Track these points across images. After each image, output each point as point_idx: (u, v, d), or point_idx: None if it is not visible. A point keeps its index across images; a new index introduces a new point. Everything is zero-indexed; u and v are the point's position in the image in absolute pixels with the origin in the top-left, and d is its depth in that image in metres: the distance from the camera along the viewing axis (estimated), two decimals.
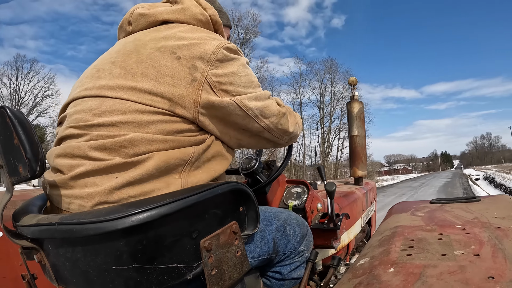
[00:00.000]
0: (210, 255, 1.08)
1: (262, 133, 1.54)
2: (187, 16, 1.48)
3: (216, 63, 1.32)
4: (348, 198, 2.94)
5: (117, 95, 1.23)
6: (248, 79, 1.43)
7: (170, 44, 1.31)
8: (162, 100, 1.23)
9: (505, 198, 1.85)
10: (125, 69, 1.28)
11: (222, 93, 1.33)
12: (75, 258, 1.01)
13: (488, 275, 0.89)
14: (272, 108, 1.51)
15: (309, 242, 1.75)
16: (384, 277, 0.97)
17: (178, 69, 1.26)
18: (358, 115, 3.98)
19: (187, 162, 1.25)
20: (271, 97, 1.55)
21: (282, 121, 1.58)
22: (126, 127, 1.19)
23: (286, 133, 1.66)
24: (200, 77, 1.28)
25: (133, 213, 0.94)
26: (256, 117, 1.45)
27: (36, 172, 1.04)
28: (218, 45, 1.35)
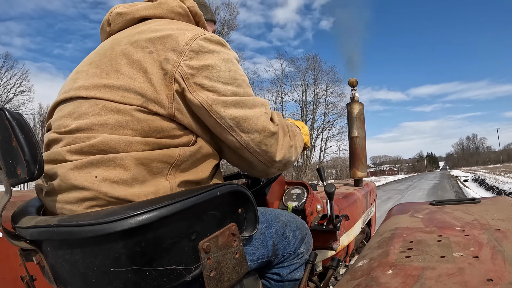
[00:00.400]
0: (209, 257, 1.08)
1: (242, 151, 1.35)
2: (164, 10, 1.42)
3: (191, 54, 1.22)
4: (347, 200, 2.94)
5: (91, 94, 1.21)
6: (230, 76, 1.29)
7: (143, 38, 1.26)
8: (134, 96, 1.17)
9: (505, 199, 1.85)
10: (100, 68, 1.26)
11: (196, 87, 1.22)
12: (74, 260, 1.01)
13: (487, 277, 0.88)
14: (256, 122, 1.29)
15: (308, 244, 1.74)
16: (382, 279, 0.97)
17: (150, 63, 1.20)
18: (358, 116, 3.98)
19: (173, 165, 1.20)
20: (264, 108, 1.34)
21: (268, 141, 1.34)
22: (102, 129, 1.16)
23: (272, 159, 1.38)
24: (171, 69, 1.19)
25: (131, 215, 0.94)
26: (230, 128, 1.27)
27: (34, 174, 1.04)
28: (194, 36, 1.26)
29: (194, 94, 1.20)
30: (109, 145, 1.13)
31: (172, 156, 1.19)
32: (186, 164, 1.24)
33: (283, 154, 1.42)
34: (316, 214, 2.30)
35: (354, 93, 4.08)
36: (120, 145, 1.14)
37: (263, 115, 1.32)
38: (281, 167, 1.48)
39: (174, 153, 1.20)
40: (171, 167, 1.20)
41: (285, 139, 1.43)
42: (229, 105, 1.25)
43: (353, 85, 4.11)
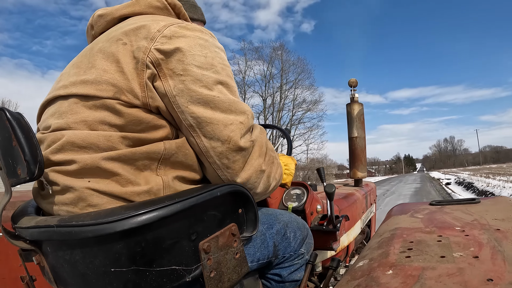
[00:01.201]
0: (209, 257, 1.08)
1: (201, 157, 1.22)
2: (142, 6, 1.38)
3: (162, 39, 1.16)
4: (347, 200, 2.94)
5: (68, 92, 1.18)
6: (206, 61, 1.19)
7: (118, 32, 1.22)
8: (107, 88, 1.13)
9: (505, 199, 1.85)
10: (79, 67, 1.24)
11: (168, 73, 1.14)
12: (74, 260, 1.01)
13: (487, 277, 0.88)
14: (221, 129, 1.16)
15: (309, 245, 1.74)
16: (382, 279, 0.97)
17: (123, 54, 1.16)
18: (358, 117, 3.98)
19: (160, 160, 1.16)
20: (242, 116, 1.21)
21: (231, 156, 1.18)
22: (81, 126, 1.14)
23: (232, 178, 1.22)
24: (142, 56, 1.13)
25: (132, 215, 0.94)
26: (190, 127, 1.16)
27: (34, 174, 1.04)
28: (167, 24, 1.21)
29: (164, 80, 1.14)
30: (89, 141, 1.11)
31: (157, 152, 1.15)
32: (175, 158, 1.19)
33: (249, 175, 1.24)
34: (316, 214, 2.30)
35: (353, 93, 4.08)
36: (100, 139, 1.11)
37: (235, 124, 1.18)
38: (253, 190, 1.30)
39: (159, 148, 1.16)
40: (159, 163, 1.17)
41: (258, 161, 1.26)
42: (196, 101, 1.15)
43: (353, 85, 4.10)
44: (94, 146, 1.11)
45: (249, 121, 1.24)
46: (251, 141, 1.23)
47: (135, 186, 1.12)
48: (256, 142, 1.25)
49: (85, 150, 1.12)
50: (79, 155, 1.11)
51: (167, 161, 1.18)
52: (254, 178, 1.27)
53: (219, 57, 1.25)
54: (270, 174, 1.35)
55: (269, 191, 1.39)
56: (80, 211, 1.10)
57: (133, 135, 1.14)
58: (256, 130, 1.29)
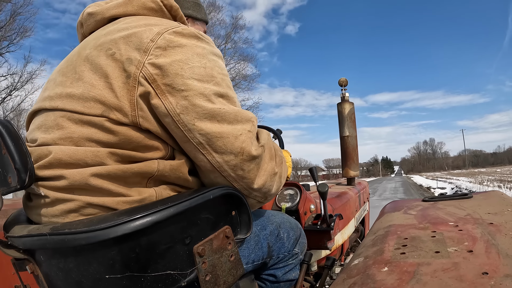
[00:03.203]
0: (204, 260, 1.07)
1: (214, 174, 1.16)
2: (135, 7, 1.28)
3: (157, 51, 1.08)
4: (341, 199, 2.95)
5: (54, 105, 1.12)
6: (206, 72, 1.12)
7: (108, 40, 1.14)
8: (95, 105, 1.06)
9: (497, 193, 1.86)
10: (65, 76, 1.16)
11: (165, 89, 1.06)
12: (68, 268, 1.00)
13: (482, 271, 0.89)
14: (233, 142, 1.10)
15: (302, 244, 1.74)
16: (378, 276, 0.97)
17: (112, 66, 1.08)
18: (349, 116, 3.99)
19: (152, 178, 1.13)
20: (249, 125, 1.16)
21: (246, 166, 1.14)
22: (67, 142, 1.08)
23: (249, 186, 1.19)
24: (135, 71, 1.06)
25: (125, 221, 0.93)
26: (200, 145, 1.10)
27: (25, 182, 1.03)
28: (160, 31, 1.12)
29: (163, 98, 1.06)
30: (77, 157, 1.06)
31: (149, 172, 1.11)
32: (167, 179, 1.16)
33: (264, 181, 1.22)
34: (310, 214, 2.30)
35: (344, 92, 4.09)
36: (88, 155, 1.06)
37: (244, 133, 1.13)
38: (260, 198, 1.28)
39: (152, 168, 1.11)
40: (150, 179, 1.13)
41: (270, 164, 1.24)
42: (202, 116, 1.08)
43: (343, 84, 4.12)
44: (82, 162, 1.06)
45: (255, 128, 1.19)
46: (261, 146, 1.18)
47: (127, 197, 1.09)
48: (265, 146, 1.21)
49: (73, 167, 1.07)
50: (67, 170, 1.06)
51: (158, 179, 1.15)
52: (269, 182, 1.24)
53: (218, 66, 1.18)
54: (281, 174, 1.34)
55: (279, 190, 1.38)
56: (70, 221, 1.07)
57: (122, 152, 1.09)
58: (263, 135, 1.25)
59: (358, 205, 3.47)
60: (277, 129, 2.53)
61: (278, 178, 1.31)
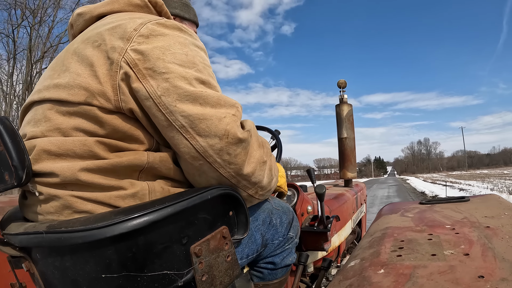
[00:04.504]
0: (201, 260, 1.07)
1: (199, 161, 1.11)
2: (121, 4, 1.31)
3: (139, 39, 1.09)
4: (338, 200, 2.95)
5: (41, 96, 1.14)
6: (188, 59, 1.12)
7: (94, 33, 1.16)
8: (78, 92, 1.07)
9: (494, 197, 1.86)
10: (53, 70, 1.19)
11: (146, 73, 1.06)
12: (64, 267, 1.00)
13: (478, 274, 0.89)
14: (216, 124, 1.07)
15: (296, 227, 1.74)
16: (374, 278, 0.97)
17: (97, 56, 1.10)
18: (347, 118, 4.00)
19: (142, 170, 1.12)
20: (233, 109, 1.13)
21: (232, 150, 1.10)
22: (56, 133, 1.10)
23: (238, 172, 1.15)
24: (117, 57, 1.07)
25: (121, 221, 0.92)
26: (182, 128, 1.07)
27: (22, 179, 1.03)
28: (143, 22, 1.14)
29: (144, 81, 1.06)
30: (65, 147, 1.06)
31: (139, 164, 1.11)
32: (157, 171, 1.15)
33: (253, 168, 1.18)
34: (307, 215, 2.31)
35: (343, 94, 4.10)
36: (76, 144, 1.06)
37: (228, 116, 1.10)
38: (251, 190, 1.25)
39: (142, 161, 1.11)
40: (141, 172, 1.13)
41: (258, 152, 1.21)
42: (184, 98, 1.06)
43: (342, 86, 4.12)
44: (71, 153, 1.06)
45: (240, 114, 1.16)
46: (248, 131, 1.15)
47: (120, 190, 1.09)
48: (251, 132, 1.17)
49: (62, 158, 1.07)
50: (57, 163, 1.06)
51: (149, 172, 1.15)
52: (259, 171, 1.22)
53: (200, 56, 1.19)
54: (271, 166, 1.31)
55: (272, 186, 1.34)
56: (65, 218, 1.07)
57: (110, 141, 1.09)
58: (247, 122, 1.21)
59: (355, 207, 3.47)
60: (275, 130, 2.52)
61: (268, 170, 1.28)
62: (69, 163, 1.06)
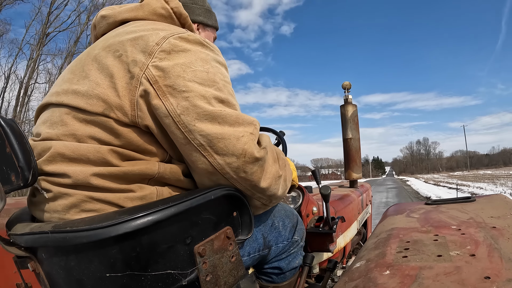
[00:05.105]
0: (205, 260, 1.07)
1: (216, 176, 1.13)
2: (146, 12, 1.32)
3: (161, 55, 1.10)
4: (343, 201, 2.94)
5: (59, 100, 1.15)
6: (208, 77, 1.13)
7: (116, 41, 1.17)
8: (97, 103, 1.08)
9: (500, 197, 1.85)
10: (73, 74, 1.20)
11: (166, 90, 1.07)
12: (69, 267, 1.00)
13: (484, 275, 0.88)
14: (234, 143, 1.08)
15: (301, 231, 1.73)
16: (380, 279, 0.97)
17: (118, 68, 1.10)
18: (352, 118, 3.99)
19: (153, 179, 1.14)
20: (251, 127, 1.14)
21: (249, 168, 1.12)
22: (71, 139, 1.11)
23: (253, 186, 1.17)
24: (138, 72, 1.08)
25: (126, 220, 0.93)
26: (201, 147, 1.08)
27: (28, 180, 1.04)
28: (166, 35, 1.15)
29: (164, 98, 1.07)
30: (79, 153, 1.08)
31: (150, 174, 1.12)
32: (168, 181, 1.17)
33: (269, 184, 1.20)
34: (312, 216, 2.30)
35: (347, 95, 4.10)
36: (90, 151, 1.08)
37: (246, 135, 1.11)
38: (265, 200, 1.26)
39: (153, 171, 1.12)
40: (150, 180, 1.14)
41: (274, 167, 1.22)
42: (203, 117, 1.07)
43: (347, 88, 4.12)
44: (84, 158, 1.08)
45: (257, 132, 1.17)
46: (264, 148, 1.16)
47: (129, 193, 1.11)
48: (267, 149, 1.19)
49: (75, 162, 1.09)
50: (70, 167, 1.08)
51: (159, 180, 1.16)
52: (274, 185, 1.23)
53: (221, 73, 1.19)
54: (286, 177, 1.33)
55: (286, 192, 1.36)
56: (71, 217, 1.09)
57: (123, 151, 1.11)
58: (263, 137, 1.22)
59: (360, 208, 3.46)
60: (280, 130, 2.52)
61: (283, 182, 1.29)
62: (82, 167, 1.08)
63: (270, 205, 1.32)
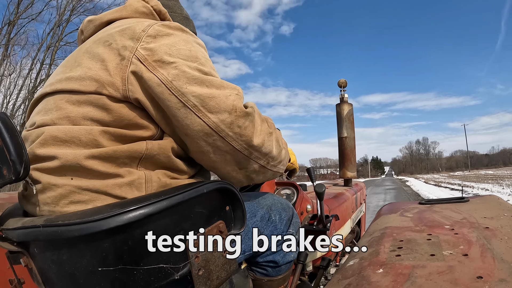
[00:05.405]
0: (197, 255, 1.07)
1: (212, 138, 1.18)
2: (129, 11, 1.43)
3: (148, 39, 1.20)
4: (337, 200, 2.95)
5: (53, 88, 1.21)
6: (191, 54, 1.23)
7: (105, 34, 1.27)
8: (90, 83, 1.15)
9: (494, 198, 1.86)
10: (65, 66, 1.28)
11: (156, 64, 1.15)
12: (61, 261, 1.00)
13: (477, 274, 0.88)
14: (224, 101, 1.16)
15: (296, 224, 1.73)
16: (373, 278, 0.97)
17: (108, 53, 1.19)
18: (347, 117, 3.99)
19: (141, 159, 1.16)
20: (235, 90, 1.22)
21: (241, 122, 1.18)
22: (65, 121, 1.15)
23: (248, 143, 1.22)
24: (128, 55, 1.16)
25: (117, 213, 0.93)
26: (195, 108, 1.14)
27: (20, 174, 1.03)
28: (150, 23, 1.26)
29: (155, 71, 1.14)
30: (71, 135, 1.11)
31: (138, 151, 1.15)
32: (156, 159, 1.19)
33: (262, 139, 1.26)
34: (306, 214, 2.30)
35: (343, 93, 4.09)
36: (82, 132, 1.11)
37: (233, 95, 1.19)
38: (263, 161, 1.31)
39: (141, 147, 1.15)
40: (140, 161, 1.17)
41: (263, 125, 1.29)
42: (192, 81, 1.16)
43: (343, 86, 4.11)
44: (76, 140, 1.11)
45: (242, 95, 1.25)
46: (251, 107, 1.24)
47: (117, 178, 1.11)
48: (254, 109, 1.26)
49: (67, 144, 1.11)
50: (61, 149, 1.11)
51: (148, 161, 1.18)
52: (268, 141, 1.29)
53: (201, 52, 1.29)
54: (277, 138, 1.39)
55: (282, 158, 1.42)
56: (61, 209, 1.09)
57: (114, 130, 1.14)
58: (248, 102, 1.29)
59: (354, 206, 3.47)
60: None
61: (275, 141, 1.36)
62: (72, 150, 1.11)
63: (269, 168, 1.36)
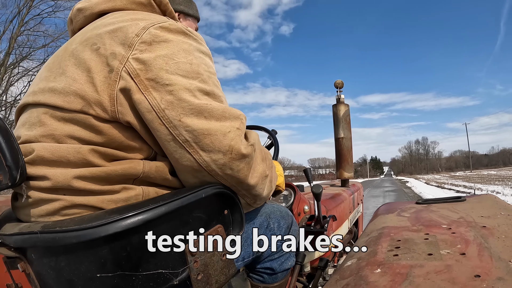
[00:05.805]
0: (196, 259, 1.06)
1: (201, 173, 1.10)
2: (123, 2, 1.25)
3: (141, 46, 1.05)
4: (335, 200, 2.95)
5: (36, 100, 1.10)
6: (192, 69, 1.08)
7: (93, 34, 1.11)
8: (74, 100, 1.03)
9: (490, 197, 1.86)
10: (50, 71, 1.14)
11: (149, 84, 1.02)
12: (59, 267, 0.99)
13: (475, 273, 0.89)
14: (221, 140, 1.04)
15: (295, 232, 1.72)
16: (371, 277, 0.97)
17: (95, 61, 1.05)
18: (344, 118, 4.00)
19: (138, 179, 1.10)
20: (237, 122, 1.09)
21: (235, 165, 1.08)
22: (50, 139, 1.06)
23: (241, 184, 1.15)
24: (118, 66, 1.02)
25: (115, 220, 0.92)
26: (186, 143, 1.04)
27: (16, 180, 1.02)
28: (146, 25, 1.09)
29: (146, 93, 1.02)
30: (59, 154, 1.03)
31: (134, 173, 1.08)
32: (154, 180, 1.13)
33: (255, 182, 1.17)
34: (304, 215, 2.31)
35: (339, 94, 4.10)
36: (70, 151, 1.03)
37: (233, 131, 1.06)
38: (250, 199, 1.25)
39: (137, 170, 1.08)
40: (135, 180, 1.10)
41: (261, 166, 1.20)
42: (188, 112, 1.03)
43: (339, 86, 4.12)
44: (65, 160, 1.04)
45: (244, 126, 1.13)
46: (251, 145, 1.11)
47: (113, 195, 1.07)
48: (255, 146, 1.15)
49: (55, 164, 1.05)
50: (51, 169, 1.05)
51: (145, 180, 1.12)
52: (261, 184, 1.20)
53: (205, 64, 1.14)
54: (271, 178, 1.31)
55: (270, 195, 1.34)
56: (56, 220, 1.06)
57: (105, 150, 1.06)
58: (251, 134, 1.18)
59: (352, 207, 3.47)
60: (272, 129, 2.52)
61: (269, 182, 1.28)
62: (62, 170, 1.04)
63: (254, 206, 1.30)
